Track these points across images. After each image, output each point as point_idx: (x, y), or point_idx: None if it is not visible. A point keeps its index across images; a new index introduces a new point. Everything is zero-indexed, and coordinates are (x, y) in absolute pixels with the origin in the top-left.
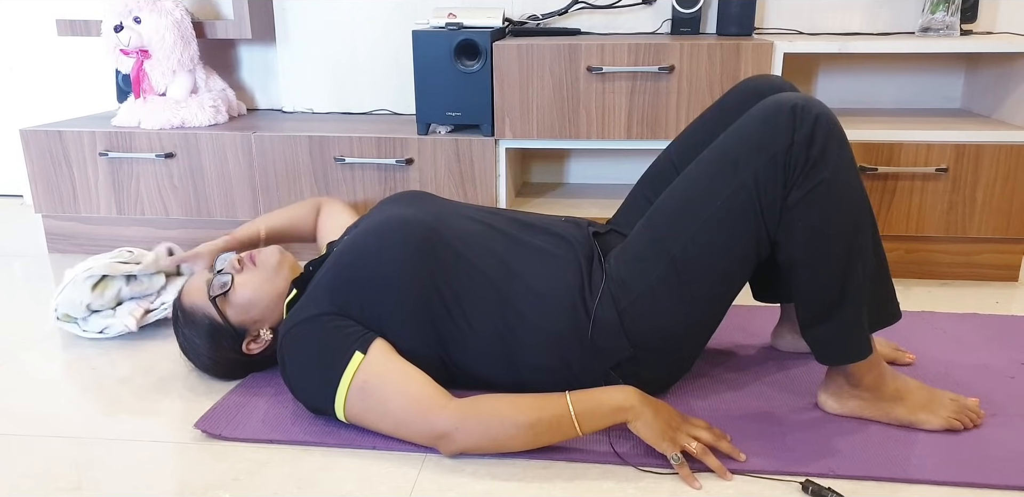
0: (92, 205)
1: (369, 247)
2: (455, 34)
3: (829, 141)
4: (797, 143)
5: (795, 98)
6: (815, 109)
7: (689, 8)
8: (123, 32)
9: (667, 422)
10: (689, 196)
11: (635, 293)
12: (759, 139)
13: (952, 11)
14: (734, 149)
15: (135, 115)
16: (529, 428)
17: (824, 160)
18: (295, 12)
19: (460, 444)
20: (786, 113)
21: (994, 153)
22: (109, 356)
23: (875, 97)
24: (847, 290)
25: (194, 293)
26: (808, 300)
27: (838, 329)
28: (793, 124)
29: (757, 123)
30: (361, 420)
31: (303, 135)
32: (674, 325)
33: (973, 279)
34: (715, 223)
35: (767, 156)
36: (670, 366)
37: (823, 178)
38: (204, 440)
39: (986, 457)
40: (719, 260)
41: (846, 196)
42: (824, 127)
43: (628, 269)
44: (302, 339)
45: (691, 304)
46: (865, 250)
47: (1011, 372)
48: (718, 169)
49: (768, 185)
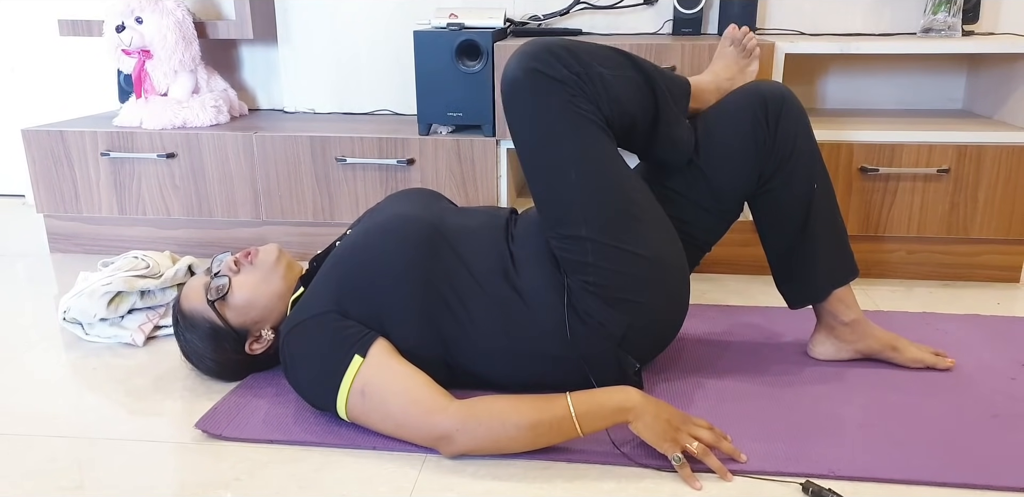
0: (94, 205)
1: (371, 246)
2: (456, 34)
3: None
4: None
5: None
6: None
7: (691, 9)
8: (125, 32)
9: (668, 422)
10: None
11: (582, 266)
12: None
13: (954, 12)
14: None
15: (137, 115)
16: (530, 430)
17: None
18: (297, 12)
19: (461, 446)
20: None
21: (996, 154)
22: (110, 356)
23: (877, 97)
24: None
25: (192, 297)
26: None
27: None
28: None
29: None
30: (363, 421)
31: (304, 135)
32: (638, 272)
33: (975, 280)
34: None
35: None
36: (660, 315)
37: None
38: (205, 440)
39: (987, 458)
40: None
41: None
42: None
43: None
44: (303, 339)
45: (625, 242)
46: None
47: (1012, 373)
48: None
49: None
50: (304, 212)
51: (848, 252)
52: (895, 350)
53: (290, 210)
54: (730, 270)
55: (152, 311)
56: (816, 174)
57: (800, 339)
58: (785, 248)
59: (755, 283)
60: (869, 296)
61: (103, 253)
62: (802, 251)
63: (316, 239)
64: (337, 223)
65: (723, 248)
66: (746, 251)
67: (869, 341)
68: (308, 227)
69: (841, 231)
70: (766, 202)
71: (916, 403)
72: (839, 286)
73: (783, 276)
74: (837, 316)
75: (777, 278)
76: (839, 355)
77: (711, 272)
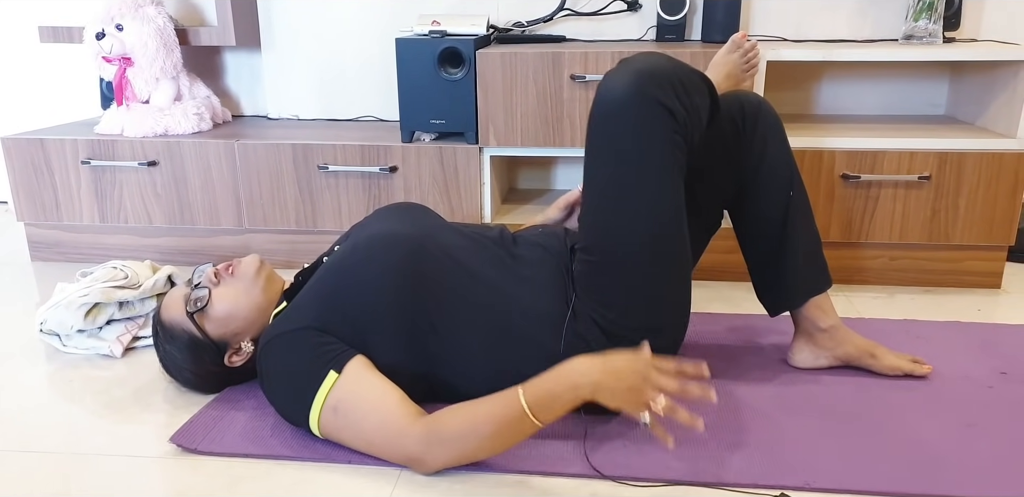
0: (75, 213)
1: (356, 262)
2: (439, 42)
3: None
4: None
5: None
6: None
7: (674, 15)
8: (105, 39)
9: (629, 388)
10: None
11: (603, 300)
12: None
13: (935, 19)
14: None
15: (118, 123)
16: (492, 439)
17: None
18: (280, 18)
19: (431, 465)
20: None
21: (976, 161)
22: (88, 368)
23: (861, 103)
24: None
25: (172, 308)
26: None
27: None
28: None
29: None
30: (335, 438)
31: (287, 143)
32: (654, 319)
33: (957, 286)
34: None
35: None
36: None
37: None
38: (180, 454)
39: (962, 468)
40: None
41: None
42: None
43: (596, 284)
44: (279, 353)
45: (657, 294)
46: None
47: (990, 382)
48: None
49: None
50: (287, 220)
51: (822, 262)
52: (873, 357)
53: (273, 218)
54: (714, 276)
55: (131, 322)
56: (792, 183)
57: (781, 347)
58: (762, 256)
59: (739, 289)
60: (852, 303)
61: (85, 261)
62: (779, 259)
63: (299, 247)
64: (320, 231)
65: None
66: (730, 258)
67: (847, 347)
68: (291, 235)
69: (817, 241)
70: (743, 210)
71: (893, 412)
72: (816, 294)
73: (761, 284)
74: (815, 322)
75: (756, 285)
76: (818, 362)
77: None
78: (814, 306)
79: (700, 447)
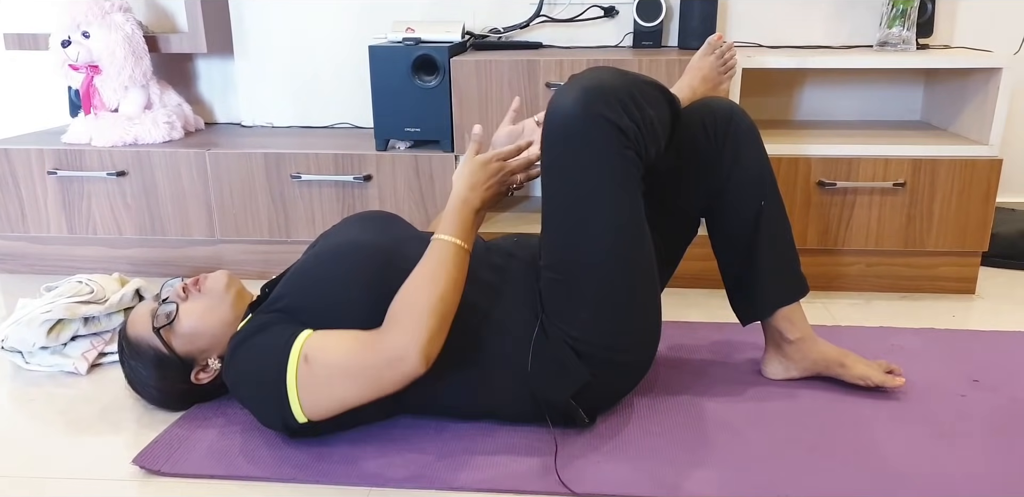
0: (42, 225)
1: (322, 273)
2: (412, 49)
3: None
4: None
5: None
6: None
7: (650, 21)
8: (71, 47)
9: (494, 182)
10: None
11: (570, 318)
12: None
13: (908, 25)
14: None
15: (86, 132)
16: (443, 285)
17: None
18: (253, 24)
19: (416, 350)
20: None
21: (949, 167)
22: (51, 386)
23: (838, 109)
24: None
25: (138, 324)
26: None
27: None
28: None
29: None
30: (318, 398)
31: (259, 152)
32: (622, 335)
33: (932, 292)
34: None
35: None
36: (626, 374)
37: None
38: (143, 477)
39: (929, 483)
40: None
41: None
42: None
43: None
44: (243, 352)
45: (624, 310)
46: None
47: (962, 390)
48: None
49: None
50: (260, 230)
51: (796, 271)
52: (843, 367)
53: (245, 228)
54: (691, 284)
55: (97, 338)
56: (766, 192)
57: (755, 358)
58: (733, 265)
59: (715, 297)
60: (828, 310)
61: (53, 273)
62: (749, 269)
63: (272, 257)
64: (294, 241)
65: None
66: (707, 265)
67: (816, 359)
68: (264, 245)
69: (790, 250)
70: (715, 219)
71: (864, 425)
72: (783, 305)
73: (732, 293)
74: (783, 334)
75: (728, 295)
76: (788, 374)
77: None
78: (783, 317)
79: (670, 462)
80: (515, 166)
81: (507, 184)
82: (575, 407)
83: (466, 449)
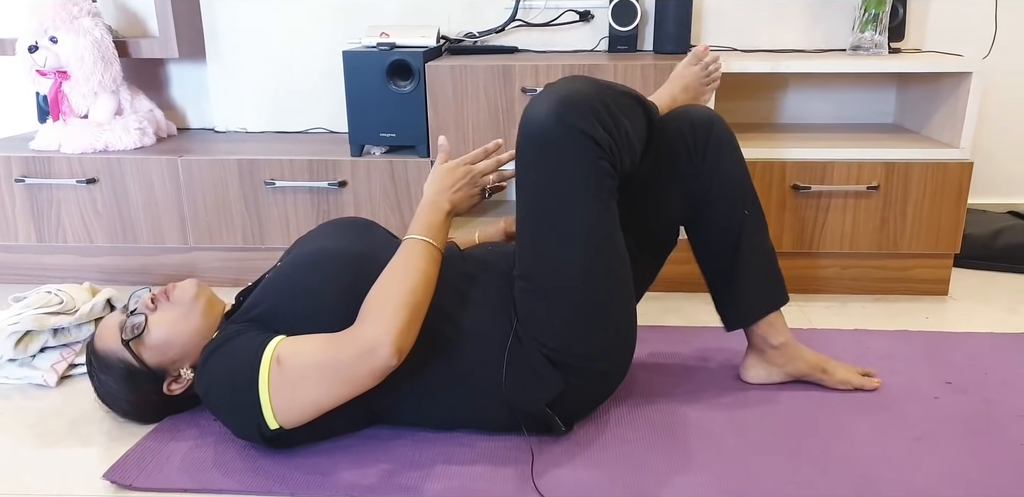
0: (10, 233)
1: (297, 280)
2: (387, 55)
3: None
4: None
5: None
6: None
7: (626, 26)
8: (38, 52)
9: (462, 185)
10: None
11: (545, 327)
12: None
13: (880, 30)
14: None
15: (55, 138)
16: (417, 283)
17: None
18: (226, 29)
19: (388, 343)
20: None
21: (922, 170)
22: (20, 399)
23: (812, 112)
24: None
25: (107, 337)
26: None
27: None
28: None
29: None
30: (291, 401)
31: (232, 158)
32: (596, 345)
33: (906, 293)
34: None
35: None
36: (602, 382)
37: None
38: (115, 491)
39: (907, 483)
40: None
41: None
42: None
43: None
44: (215, 360)
45: (598, 319)
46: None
47: (936, 392)
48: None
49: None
50: (233, 237)
51: (778, 279)
52: (824, 372)
53: (219, 235)
54: (670, 288)
55: (67, 349)
56: (747, 201)
57: (734, 362)
58: (717, 273)
59: (693, 301)
60: (804, 313)
61: (22, 283)
62: (732, 277)
63: (247, 264)
64: (268, 248)
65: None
66: (686, 269)
67: (799, 364)
68: (238, 252)
69: (771, 258)
70: (697, 228)
71: (842, 429)
72: (766, 314)
73: (716, 300)
74: (766, 339)
75: (714, 300)
76: (770, 378)
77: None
78: (766, 323)
79: (647, 469)
80: (482, 168)
81: (479, 186)
82: (551, 415)
83: (442, 458)
